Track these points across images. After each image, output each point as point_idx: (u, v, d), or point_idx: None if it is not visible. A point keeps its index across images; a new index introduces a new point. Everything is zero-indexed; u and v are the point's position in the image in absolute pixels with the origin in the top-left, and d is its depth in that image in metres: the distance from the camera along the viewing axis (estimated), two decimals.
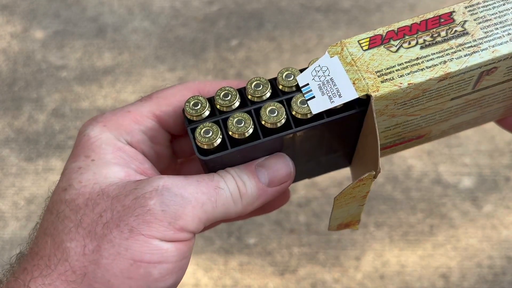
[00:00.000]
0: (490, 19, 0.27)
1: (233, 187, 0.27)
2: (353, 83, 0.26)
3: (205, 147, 0.26)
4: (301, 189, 0.98)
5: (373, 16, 1.24)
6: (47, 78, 1.16)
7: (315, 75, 0.27)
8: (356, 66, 0.27)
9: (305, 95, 0.27)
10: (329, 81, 0.27)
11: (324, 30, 1.23)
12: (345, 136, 0.31)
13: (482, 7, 0.28)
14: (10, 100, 1.13)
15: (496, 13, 0.27)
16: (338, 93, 0.26)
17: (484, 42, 0.27)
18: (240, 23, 1.25)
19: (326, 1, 1.29)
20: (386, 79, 0.26)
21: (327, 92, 0.26)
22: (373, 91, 0.26)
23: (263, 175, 0.28)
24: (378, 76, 0.26)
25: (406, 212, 0.95)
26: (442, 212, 0.95)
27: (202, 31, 1.23)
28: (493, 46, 0.26)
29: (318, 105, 0.26)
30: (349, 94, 0.26)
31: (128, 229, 0.24)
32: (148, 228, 0.24)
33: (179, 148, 0.31)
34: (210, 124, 0.26)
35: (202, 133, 0.26)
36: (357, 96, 0.26)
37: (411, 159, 1.00)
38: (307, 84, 0.27)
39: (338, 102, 0.26)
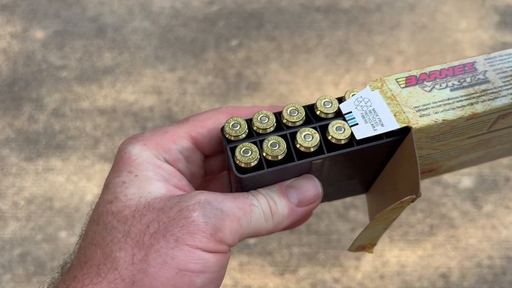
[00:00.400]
0: (506, 71, 0.31)
1: (265, 206, 0.28)
2: (394, 115, 0.29)
3: (243, 165, 0.28)
4: None
5: (373, 16, 1.24)
6: (47, 78, 1.16)
7: (357, 105, 0.30)
8: (396, 100, 0.30)
9: (348, 122, 0.29)
10: (371, 111, 0.29)
11: (324, 30, 1.23)
12: (370, 164, 0.33)
13: (498, 60, 0.31)
14: (10, 100, 1.13)
15: (511, 66, 0.31)
16: (381, 123, 0.29)
17: (503, 89, 0.30)
18: (240, 23, 1.25)
19: (326, 1, 1.29)
20: (424, 114, 0.29)
21: (370, 120, 0.29)
22: (414, 124, 0.29)
23: (292, 195, 0.30)
24: (417, 111, 0.30)
25: (406, 212, 0.95)
26: (442, 212, 0.95)
27: (202, 31, 1.23)
28: (511, 94, 0.30)
29: (361, 131, 0.29)
30: (391, 124, 0.29)
31: (174, 239, 0.25)
32: (192, 238, 0.25)
33: (207, 167, 0.33)
34: (249, 144, 0.28)
35: (242, 152, 0.28)
36: (399, 127, 0.29)
37: None
38: (350, 112, 0.30)
39: (380, 130, 0.29)
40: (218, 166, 0.33)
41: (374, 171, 0.35)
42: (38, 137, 1.08)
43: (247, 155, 0.28)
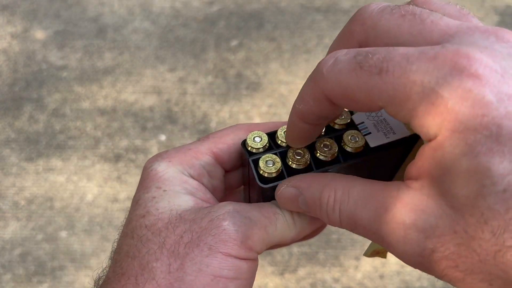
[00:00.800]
0: None
1: (287, 214, 0.30)
2: (404, 124, 0.30)
3: (266, 175, 0.30)
4: None
5: None
6: (48, 78, 1.16)
7: (368, 115, 0.31)
8: None
9: (361, 131, 0.30)
10: (382, 121, 0.30)
11: (324, 30, 1.23)
12: (382, 171, 0.35)
13: None
14: (10, 100, 1.13)
15: None
16: (392, 131, 0.30)
17: None
18: (240, 24, 1.25)
19: (326, 1, 1.29)
20: None
21: (382, 129, 0.30)
22: None
23: None
24: None
25: None
26: None
27: (202, 31, 1.24)
28: None
29: (375, 139, 0.30)
30: (402, 132, 0.30)
31: (207, 247, 0.27)
32: (225, 246, 0.27)
33: (226, 182, 0.35)
34: (272, 156, 0.30)
35: (265, 163, 0.30)
36: (409, 134, 0.30)
37: None
38: (363, 122, 0.31)
39: (392, 138, 0.30)
40: (235, 181, 0.35)
41: (386, 178, 0.35)
42: (39, 137, 1.08)
43: (270, 166, 0.30)
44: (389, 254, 0.35)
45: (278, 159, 0.30)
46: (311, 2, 1.28)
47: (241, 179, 0.35)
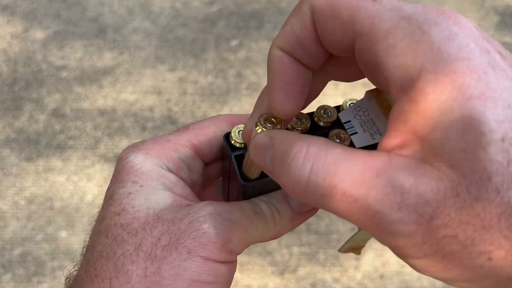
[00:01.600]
0: None
1: (268, 213, 0.29)
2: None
3: (247, 173, 0.29)
4: None
5: None
6: (48, 78, 1.16)
7: (356, 114, 0.30)
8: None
9: (348, 130, 0.30)
10: (369, 121, 0.30)
11: None
12: None
13: None
14: (10, 100, 1.13)
15: None
16: (378, 132, 0.29)
17: None
18: (240, 24, 1.25)
19: None
20: None
21: (368, 129, 0.30)
22: None
23: (294, 201, 0.30)
24: None
25: None
26: None
27: (202, 31, 1.24)
28: None
29: (360, 140, 0.29)
30: None
31: (186, 251, 0.26)
32: (204, 250, 0.26)
33: (205, 174, 0.34)
34: None
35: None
36: None
37: None
38: (349, 121, 0.30)
39: (378, 139, 0.29)
40: (214, 173, 0.34)
41: None
42: (39, 137, 1.08)
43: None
44: (362, 252, 0.35)
45: None
46: None
47: (220, 170, 0.33)
